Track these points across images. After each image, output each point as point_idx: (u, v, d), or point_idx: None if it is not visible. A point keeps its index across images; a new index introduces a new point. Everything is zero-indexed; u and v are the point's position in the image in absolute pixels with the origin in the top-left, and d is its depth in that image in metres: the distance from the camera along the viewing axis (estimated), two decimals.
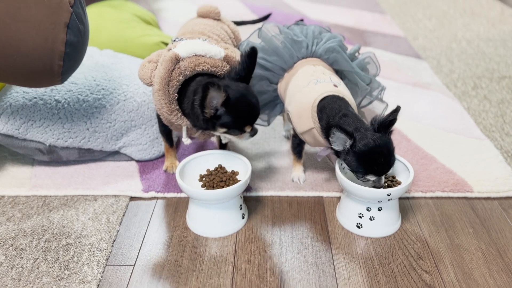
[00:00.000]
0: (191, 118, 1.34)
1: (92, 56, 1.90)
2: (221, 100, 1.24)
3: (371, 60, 1.66)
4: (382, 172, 1.28)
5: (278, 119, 1.99)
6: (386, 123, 1.28)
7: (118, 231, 1.41)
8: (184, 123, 1.35)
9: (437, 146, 1.77)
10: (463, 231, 1.39)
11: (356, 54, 1.68)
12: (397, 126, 1.89)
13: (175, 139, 1.70)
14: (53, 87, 1.62)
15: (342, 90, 1.46)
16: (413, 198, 1.53)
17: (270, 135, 1.88)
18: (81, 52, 1.42)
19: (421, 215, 1.45)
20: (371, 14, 3.32)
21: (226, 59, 1.38)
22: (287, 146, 1.82)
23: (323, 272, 1.26)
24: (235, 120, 1.29)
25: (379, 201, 1.31)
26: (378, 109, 1.63)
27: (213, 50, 1.34)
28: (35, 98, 1.58)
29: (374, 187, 1.30)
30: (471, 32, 2.99)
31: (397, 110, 1.30)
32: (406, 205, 1.49)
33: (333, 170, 1.66)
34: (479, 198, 1.52)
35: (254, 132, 1.35)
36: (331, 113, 1.38)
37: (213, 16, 1.60)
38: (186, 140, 1.41)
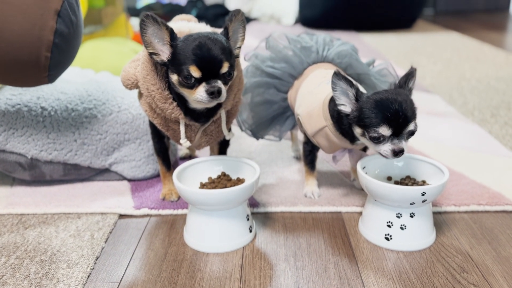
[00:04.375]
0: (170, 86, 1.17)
1: (87, 75, 1.78)
2: (166, 36, 1.08)
3: (388, 71, 1.54)
4: (398, 122, 1.08)
5: (286, 142, 1.83)
6: (403, 81, 1.16)
7: (103, 248, 1.20)
8: (181, 115, 1.18)
9: (465, 164, 1.59)
10: (509, 243, 1.18)
11: (371, 67, 1.56)
12: (418, 148, 1.74)
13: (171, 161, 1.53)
14: (40, 94, 1.47)
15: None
16: (446, 212, 1.33)
17: (278, 156, 1.71)
18: (71, 46, 1.29)
19: (458, 229, 1.25)
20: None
21: None
22: (296, 165, 1.64)
23: (349, 286, 1.03)
24: (181, 56, 1.07)
25: (411, 204, 1.11)
26: None
27: (198, 27, 1.19)
28: (19, 104, 1.42)
29: (394, 153, 1.10)
30: (480, 73, 2.92)
31: (412, 68, 1.17)
32: (439, 220, 1.29)
33: (351, 186, 1.48)
34: None
35: (211, 88, 1.06)
36: None
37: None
38: (184, 142, 1.23)
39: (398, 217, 1.15)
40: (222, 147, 1.41)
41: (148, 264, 1.13)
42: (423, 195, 1.09)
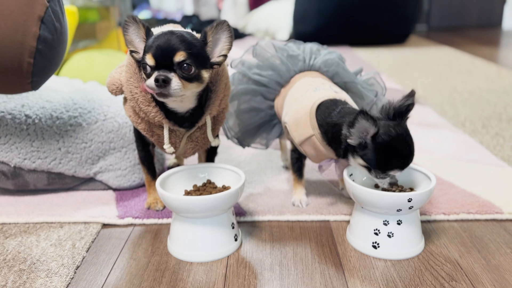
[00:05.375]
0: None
1: (74, 85, 1.76)
2: (142, 33, 1.12)
3: (375, 81, 1.53)
4: (407, 164, 1.11)
5: (276, 152, 1.81)
6: (403, 109, 1.11)
7: (84, 257, 1.17)
8: (165, 119, 1.17)
9: (455, 174, 1.57)
10: (499, 252, 1.16)
11: (358, 76, 1.55)
12: None
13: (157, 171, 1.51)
14: (24, 102, 1.45)
15: (343, 96, 1.31)
16: (435, 221, 1.30)
17: (267, 166, 1.69)
18: (55, 53, 1.28)
19: (447, 237, 1.22)
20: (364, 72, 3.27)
21: None
22: (285, 175, 1.62)
23: None
24: (146, 48, 1.09)
25: (398, 210, 1.09)
26: None
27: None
28: (3, 112, 1.40)
29: (391, 184, 1.13)
30: (471, 86, 2.92)
31: (412, 94, 1.14)
32: (428, 228, 1.26)
33: (339, 195, 1.45)
34: (511, 220, 1.30)
35: (158, 76, 1.03)
36: (332, 114, 1.21)
37: None
38: (168, 147, 1.21)
39: (385, 224, 1.13)
40: (209, 156, 1.39)
41: (129, 273, 1.10)
42: (409, 201, 1.07)
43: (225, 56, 1.14)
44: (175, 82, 1.04)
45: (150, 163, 1.36)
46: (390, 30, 4.83)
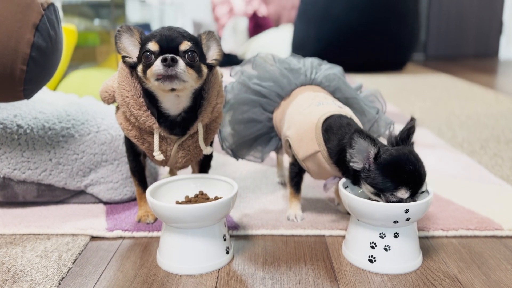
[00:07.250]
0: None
1: (69, 99, 1.75)
2: (137, 37, 1.14)
3: (376, 98, 1.52)
4: (415, 184, 1.05)
5: (271, 169, 1.79)
6: (405, 135, 1.10)
7: (70, 268, 1.13)
8: (156, 125, 1.15)
9: (453, 191, 1.54)
10: (499, 267, 1.12)
11: (358, 92, 1.54)
12: None
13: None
14: (17, 113, 1.43)
15: (347, 111, 1.29)
16: (433, 237, 1.27)
17: (262, 182, 1.66)
18: (49, 61, 1.27)
19: (446, 253, 1.19)
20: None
21: None
22: (281, 191, 1.58)
23: None
24: (144, 42, 1.11)
25: (394, 222, 1.06)
26: None
27: None
28: None
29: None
30: (469, 110, 2.92)
31: (412, 119, 1.13)
32: (426, 244, 1.23)
33: (335, 210, 1.42)
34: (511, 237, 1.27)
35: (166, 56, 1.02)
36: (340, 131, 1.19)
37: None
38: (158, 154, 1.19)
39: (381, 237, 1.09)
40: (202, 167, 1.37)
41: (115, 285, 1.06)
42: (406, 212, 1.04)
43: (217, 60, 1.16)
44: (182, 63, 1.05)
45: (141, 175, 1.34)
46: (387, 57, 4.87)
